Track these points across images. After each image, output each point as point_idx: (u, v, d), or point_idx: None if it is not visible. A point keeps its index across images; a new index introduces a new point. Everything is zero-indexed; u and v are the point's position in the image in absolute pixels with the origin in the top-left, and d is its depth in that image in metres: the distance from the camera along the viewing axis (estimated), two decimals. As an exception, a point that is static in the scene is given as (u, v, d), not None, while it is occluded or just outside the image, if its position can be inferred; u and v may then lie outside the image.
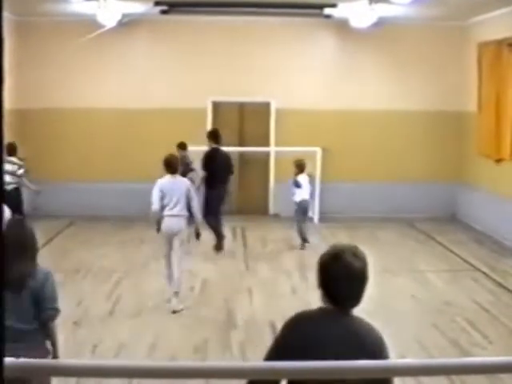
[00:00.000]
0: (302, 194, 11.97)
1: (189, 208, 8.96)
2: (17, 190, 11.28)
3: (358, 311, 3.14)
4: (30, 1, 12.21)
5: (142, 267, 10.75)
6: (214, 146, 11.60)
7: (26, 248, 4.68)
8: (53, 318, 4.75)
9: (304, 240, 12.03)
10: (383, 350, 3.08)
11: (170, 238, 8.84)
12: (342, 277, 3.07)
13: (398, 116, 14.77)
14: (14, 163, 11.23)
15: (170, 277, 8.95)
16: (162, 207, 8.84)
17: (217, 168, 11.49)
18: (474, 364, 2.34)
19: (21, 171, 11.44)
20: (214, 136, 11.64)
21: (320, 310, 3.17)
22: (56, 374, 2.29)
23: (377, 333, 3.16)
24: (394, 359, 3.68)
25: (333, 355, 2.45)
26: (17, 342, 4.38)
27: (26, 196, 11.96)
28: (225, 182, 11.74)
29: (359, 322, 3.15)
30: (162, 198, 8.83)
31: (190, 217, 9.00)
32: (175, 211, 8.82)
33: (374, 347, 3.05)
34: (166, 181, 8.98)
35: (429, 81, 14.63)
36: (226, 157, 11.81)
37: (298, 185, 11.90)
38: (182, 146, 12.69)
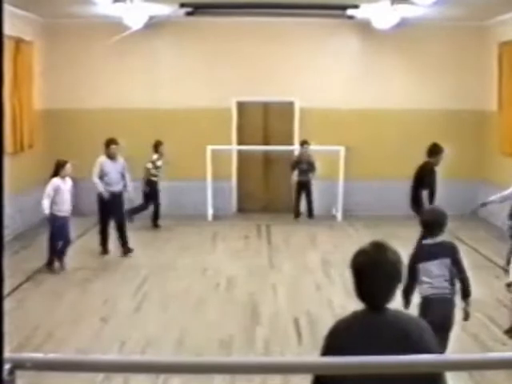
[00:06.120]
0: None
1: None
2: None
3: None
4: (57, 3, 12.29)
5: (168, 265, 10.90)
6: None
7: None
8: None
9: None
10: (423, 340, 2.98)
11: None
12: (369, 274, 3.04)
13: (419, 115, 14.74)
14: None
15: None
16: None
17: None
18: (495, 359, 2.37)
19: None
20: None
21: (353, 314, 3.12)
22: (84, 369, 2.33)
23: (415, 323, 3.11)
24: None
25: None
26: None
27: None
28: None
29: (394, 318, 3.06)
30: None
31: None
32: None
33: (412, 339, 2.94)
34: None
35: (450, 80, 14.60)
36: None
37: None
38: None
